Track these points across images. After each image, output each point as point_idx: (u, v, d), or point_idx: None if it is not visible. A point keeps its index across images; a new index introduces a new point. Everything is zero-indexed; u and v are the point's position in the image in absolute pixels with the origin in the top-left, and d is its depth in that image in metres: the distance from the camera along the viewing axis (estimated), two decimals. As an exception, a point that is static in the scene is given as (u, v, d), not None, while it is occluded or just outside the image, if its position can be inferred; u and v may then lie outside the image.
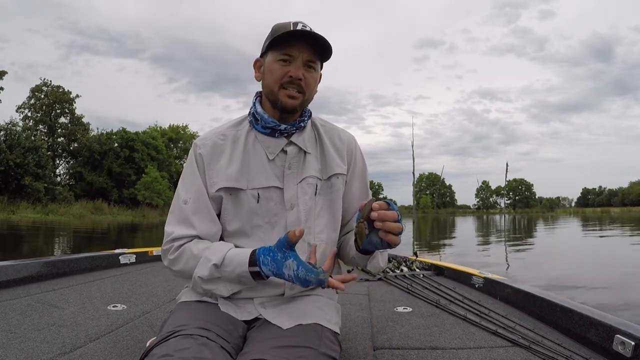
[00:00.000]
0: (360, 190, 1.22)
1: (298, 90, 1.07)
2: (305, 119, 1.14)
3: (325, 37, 1.06)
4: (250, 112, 1.16)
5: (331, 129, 1.22)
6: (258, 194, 1.09)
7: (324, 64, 1.16)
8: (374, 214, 0.91)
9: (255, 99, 1.16)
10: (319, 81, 1.17)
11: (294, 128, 1.12)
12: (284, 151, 1.12)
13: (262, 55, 1.13)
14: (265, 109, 1.13)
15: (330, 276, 0.94)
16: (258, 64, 1.15)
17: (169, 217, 1.11)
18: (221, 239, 1.14)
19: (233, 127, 1.16)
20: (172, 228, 1.08)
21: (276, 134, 1.11)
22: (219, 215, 1.13)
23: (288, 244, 0.93)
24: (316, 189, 1.14)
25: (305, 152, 1.14)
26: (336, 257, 1.24)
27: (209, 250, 1.03)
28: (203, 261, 1.01)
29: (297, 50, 1.06)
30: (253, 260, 0.97)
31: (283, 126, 1.10)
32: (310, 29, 1.07)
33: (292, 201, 1.11)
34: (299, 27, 1.05)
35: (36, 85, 30.17)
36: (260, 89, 1.16)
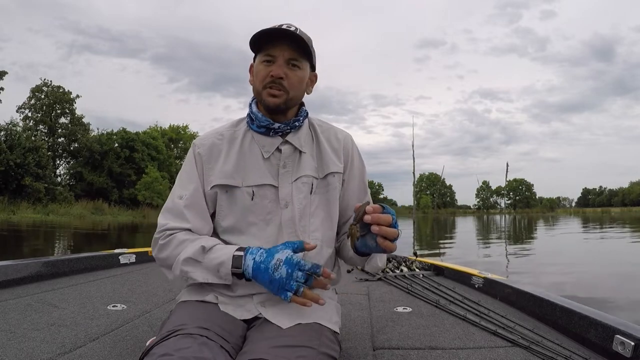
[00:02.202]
0: (358, 188, 1.23)
1: (279, 88, 1.09)
2: (301, 118, 1.16)
3: (302, 35, 1.07)
4: (248, 112, 1.18)
5: (328, 128, 1.24)
6: (253, 191, 1.11)
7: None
8: (367, 217, 0.91)
9: (252, 100, 1.18)
10: (315, 81, 1.19)
11: (289, 127, 1.13)
12: (279, 150, 1.13)
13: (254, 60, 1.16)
14: (260, 109, 1.15)
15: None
16: (252, 68, 1.17)
17: (162, 211, 1.13)
18: (216, 235, 1.15)
19: (231, 127, 1.18)
20: (166, 220, 1.11)
21: (271, 133, 1.13)
22: (214, 214, 1.15)
23: (296, 248, 1.00)
24: (312, 188, 1.15)
25: (300, 152, 1.15)
26: (337, 257, 1.25)
27: (203, 237, 1.07)
28: (194, 244, 1.04)
29: (278, 50, 1.08)
30: (242, 249, 1.01)
31: (277, 125, 1.12)
32: (296, 28, 1.08)
33: (287, 199, 1.12)
34: (283, 27, 1.07)
35: (36, 86, 30.17)
36: None
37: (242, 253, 1.00)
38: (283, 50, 1.08)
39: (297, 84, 1.11)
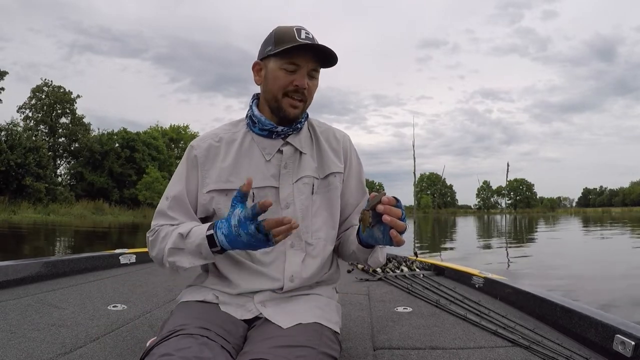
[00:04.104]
0: (356, 188, 1.23)
1: (301, 99, 1.09)
2: (302, 120, 1.16)
3: (333, 50, 1.07)
4: (247, 114, 1.17)
5: (326, 129, 1.24)
6: (253, 193, 1.11)
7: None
8: (380, 207, 0.91)
9: (252, 102, 1.17)
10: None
11: (291, 129, 1.14)
12: (280, 151, 1.13)
13: (262, 59, 1.13)
14: (262, 112, 1.14)
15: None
16: (257, 67, 1.15)
17: (154, 213, 1.16)
18: None
19: (229, 129, 1.18)
20: (156, 221, 1.14)
21: (273, 136, 1.13)
22: (211, 217, 1.15)
23: (242, 198, 0.92)
24: (313, 188, 1.15)
25: (301, 153, 1.15)
26: (335, 256, 1.25)
27: (180, 226, 1.06)
28: (173, 234, 1.04)
29: (303, 59, 1.07)
30: (212, 226, 0.98)
31: (280, 128, 1.12)
32: (312, 35, 1.08)
33: (288, 200, 1.12)
34: (303, 34, 1.06)
35: (37, 86, 30.19)
36: (258, 92, 1.18)
37: (212, 231, 0.97)
38: (308, 61, 1.08)
39: (314, 93, 1.13)
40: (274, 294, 1.09)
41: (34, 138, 26.49)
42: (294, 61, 1.07)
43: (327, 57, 1.09)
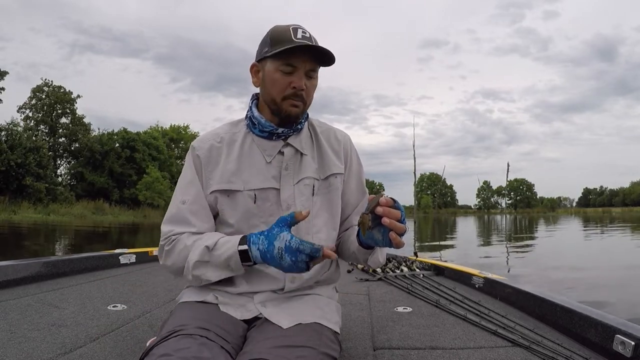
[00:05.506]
0: (356, 188, 1.23)
1: (301, 100, 1.08)
2: (303, 121, 1.16)
3: (329, 50, 1.05)
4: (247, 115, 1.16)
5: (327, 129, 1.24)
6: (255, 194, 1.11)
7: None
8: (379, 209, 0.91)
9: (252, 103, 1.17)
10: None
11: (291, 130, 1.13)
12: (280, 153, 1.13)
13: (259, 60, 1.12)
14: (262, 113, 1.14)
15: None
16: (255, 69, 1.14)
17: (166, 217, 1.12)
18: None
19: (230, 130, 1.17)
20: (171, 227, 1.10)
21: (273, 137, 1.13)
22: (215, 217, 1.15)
23: (291, 222, 0.96)
24: (313, 190, 1.15)
25: (301, 154, 1.15)
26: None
27: (204, 236, 1.06)
28: (197, 246, 1.04)
29: (300, 60, 1.06)
30: (244, 240, 0.99)
31: (280, 129, 1.11)
32: (310, 34, 1.07)
33: (289, 202, 1.12)
34: (299, 33, 1.04)
35: (37, 86, 30.14)
36: (257, 92, 1.17)
37: (246, 247, 0.98)
38: (304, 62, 1.06)
39: (312, 93, 1.12)
40: (274, 294, 1.09)
41: (34, 138, 26.47)
42: (291, 62, 1.06)
43: (324, 57, 1.08)
